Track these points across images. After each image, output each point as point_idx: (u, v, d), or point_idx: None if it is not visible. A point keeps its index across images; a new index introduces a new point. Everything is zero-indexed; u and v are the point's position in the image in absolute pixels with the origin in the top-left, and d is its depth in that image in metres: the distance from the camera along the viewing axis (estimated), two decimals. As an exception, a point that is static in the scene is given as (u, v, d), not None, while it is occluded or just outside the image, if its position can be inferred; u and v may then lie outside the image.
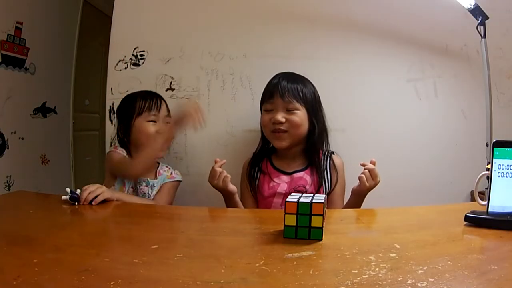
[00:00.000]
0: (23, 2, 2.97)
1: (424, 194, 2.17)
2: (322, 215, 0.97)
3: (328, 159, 1.85)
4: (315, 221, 0.97)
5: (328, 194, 1.78)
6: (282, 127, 1.74)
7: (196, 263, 0.83)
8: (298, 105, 1.75)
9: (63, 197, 1.42)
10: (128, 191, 1.87)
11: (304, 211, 0.97)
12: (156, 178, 1.93)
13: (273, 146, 1.88)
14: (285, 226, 0.99)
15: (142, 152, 1.78)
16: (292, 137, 1.77)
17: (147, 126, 1.88)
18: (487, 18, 1.92)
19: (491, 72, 1.95)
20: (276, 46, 2.21)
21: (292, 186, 1.78)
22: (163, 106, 1.95)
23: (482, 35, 1.92)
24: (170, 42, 2.25)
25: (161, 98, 1.98)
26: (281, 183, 1.80)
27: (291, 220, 0.98)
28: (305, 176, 1.79)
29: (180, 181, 2.02)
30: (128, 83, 2.25)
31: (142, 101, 1.91)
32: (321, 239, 0.97)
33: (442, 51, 2.24)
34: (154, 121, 1.90)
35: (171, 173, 2.00)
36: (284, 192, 1.77)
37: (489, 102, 1.93)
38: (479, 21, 1.91)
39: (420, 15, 2.21)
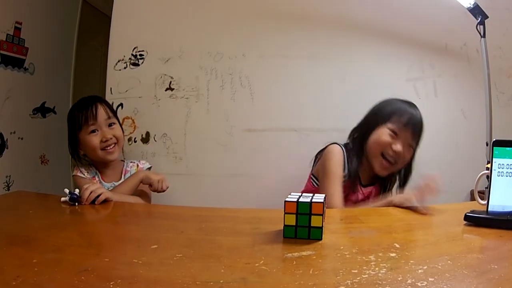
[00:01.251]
0: (22, 2, 2.96)
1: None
2: (321, 214, 0.97)
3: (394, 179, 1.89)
4: (315, 221, 0.97)
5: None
6: (395, 159, 1.72)
7: (195, 263, 0.83)
8: (414, 144, 1.76)
9: (63, 199, 1.42)
10: None
11: (304, 210, 0.97)
12: (122, 179, 1.89)
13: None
14: (284, 225, 0.99)
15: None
16: (394, 171, 1.80)
17: (90, 139, 1.81)
18: (487, 17, 1.92)
19: (490, 71, 1.95)
20: (276, 46, 2.21)
21: (363, 198, 1.80)
22: (100, 111, 1.84)
23: (482, 34, 1.92)
24: (170, 42, 2.25)
25: (97, 102, 1.87)
26: (359, 194, 1.81)
27: (291, 220, 0.98)
28: (374, 190, 1.85)
29: (150, 167, 2.01)
30: (127, 83, 2.25)
31: (79, 114, 1.83)
32: (321, 239, 0.97)
33: (441, 50, 2.24)
34: (96, 130, 1.82)
35: (138, 166, 1.98)
36: (360, 201, 1.79)
37: (489, 101, 1.93)
38: (478, 21, 1.92)
39: (419, 15, 2.21)
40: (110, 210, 1.40)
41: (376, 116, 1.81)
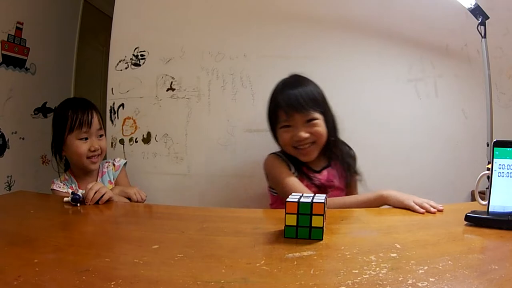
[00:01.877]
0: (23, 2, 2.97)
1: (424, 193, 2.15)
2: (322, 215, 0.97)
3: (344, 149, 1.84)
4: (316, 221, 0.97)
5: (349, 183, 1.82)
6: (307, 142, 1.67)
7: (196, 263, 0.83)
8: (316, 114, 1.67)
9: (65, 199, 1.42)
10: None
11: (305, 211, 0.97)
12: (98, 181, 1.89)
13: None
14: (285, 226, 0.99)
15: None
16: (319, 147, 1.72)
17: (79, 145, 1.81)
18: (488, 18, 1.92)
19: (491, 71, 1.95)
20: (277, 46, 2.21)
21: (323, 183, 1.74)
22: (95, 120, 1.86)
23: (483, 34, 1.92)
24: (171, 42, 2.25)
25: (93, 110, 1.88)
26: (316, 180, 1.74)
27: (292, 220, 0.98)
28: (332, 171, 1.79)
29: (125, 163, 2.05)
30: (128, 83, 2.26)
31: (74, 116, 1.82)
32: (322, 239, 0.97)
33: (442, 51, 2.24)
34: (86, 138, 1.83)
35: (114, 165, 2.00)
36: (318, 187, 1.73)
37: (490, 101, 1.93)
38: (479, 21, 1.92)
39: (420, 15, 2.21)
40: (111, 210, 1.40)
41: (269, 121, 1.81)
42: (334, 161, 1.80)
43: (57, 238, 1.00)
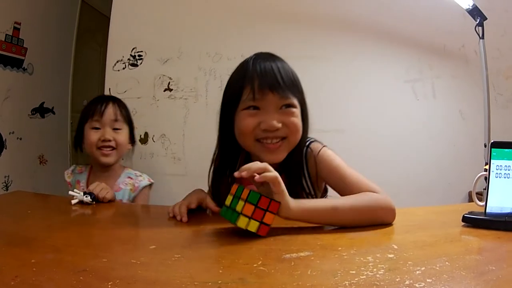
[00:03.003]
0: (21, 2, 2.97)
1: (422, 194, 2.18)
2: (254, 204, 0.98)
3: (304, 158, 1.33)
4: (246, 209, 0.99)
5: (319, 195, 1.37)
6: (277, 134, 1.23)
7: (194, 263, 0.83)
8: (295, 101, 1.25)
9: (74, 201, 1.39)
10: None
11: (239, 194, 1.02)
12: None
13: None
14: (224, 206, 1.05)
15: None
16: (290, 146, 1.27)
17: (90, 134, 1.77)
18: (485, 18, 1.92)
19: (489, 72, 1.96)
20: (274, 46, 2.19)
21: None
22: (108, 110, 1.77)
23: (480, 35, 1.93)
24: (168, 42, 2.26)
25: (110, 101, 1.82)
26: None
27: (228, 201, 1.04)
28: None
29: (150, 184, 1.89)
30: (126, 83, 2.26)
31: (90, 107, 1.79)
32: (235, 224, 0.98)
33: (440, 51, 2.24)
34: (99, 128, 1.77)
35: (134, 185, 1.81)
36: None
37: (487, 102, 1.93)
38: (477, 22, 1.92)
39: (418, 16, 2.22)
40: (109, 210, 1.40)
41: (226, 103, 1.32)
42: (286, 169, 1.29)
43: (54, 238, 1.00)
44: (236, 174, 1.01)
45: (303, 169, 1.32)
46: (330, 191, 1.33)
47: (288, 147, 1.26)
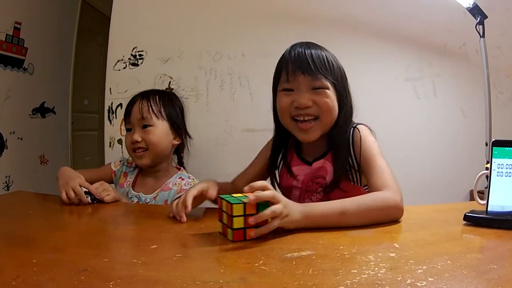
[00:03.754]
0: (21, 2, 2.97)
1: (423, 193, 2.17)
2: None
3: (351, 137, 1.40)
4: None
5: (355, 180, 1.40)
6: (309, 112, 1.33)
7: (195, 263, 0.83)
8: (326, 82, 1.33)
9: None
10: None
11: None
12: (153, 193, 1.68)
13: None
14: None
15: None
16: (323, 126, 1.36)
17: (125, 137, 1.71)
18: (486, 17, 1.92)
19: (490, 71, 1.95)
20: (275, 46, 2.19)
21: (309, 179, 1.42)
22: (134, 109, 1.66)
23: (481, 34, 1.93)
24: (169, 42, 2.26)
25: (137, 99, 1.69)
26: (299, 174, 1.45)
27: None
28: (326, 164, 1.41)
29: None
30: (127, 83, 2.26)
31: (127, 107, 1.72)
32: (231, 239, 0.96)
33: (440, 50, 2.24)
34: (130, 129, 1.68)
35: (182, 186, 1.67)
36: (300, 186, 1.44)
37: (488, 101, 1.93)
38: (477, 20, 1.92)
39: (418, 14, 2.22)
40: (110, 210, 1.40)
41: (272, 87, 1.46)
42: (334, 151, 1.40)
43: (55, 238, 1.00)
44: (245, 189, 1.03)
45: (349, 150, 1.39)
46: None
47: (321, 127, 1.36)
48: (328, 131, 1.39)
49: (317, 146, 1.43)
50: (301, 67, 1.32)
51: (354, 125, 1.43)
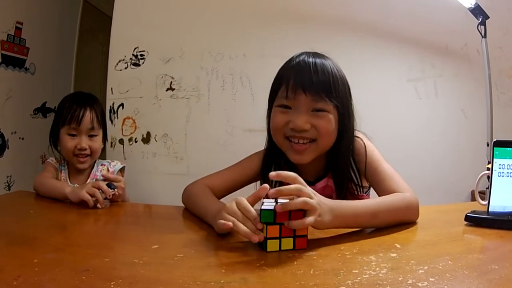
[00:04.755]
0: (23, 2, 2.97)
1: (424, 193, 2.16)
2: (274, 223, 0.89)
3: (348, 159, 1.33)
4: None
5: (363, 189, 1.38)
6: (305, 136, 1.23)
7: (196, 263, 0.83)
8: (329, 105, 1.22)
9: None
10: None
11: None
12: (88, 181, 1.77)
13: None
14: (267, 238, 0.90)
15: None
16: (319, 150, 1.27)
17: (67, 140, 1.76)
18: (488, 17, 1.92)
19: (491, 71, 1.95)
20: (276, 46, 2.21)
21: None
22: (86, 119, 1.76)
23: (483, 34, 1.93)
24: (170, 42, 2.26)
25: (88, 106, 1.79)
26: None
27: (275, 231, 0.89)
28: (329, 182, 1.35)
29: (123, 167, 1.90)
30: (128, 83, 2.26)
31: (68, 110, 1.77)
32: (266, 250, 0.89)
33: (442, 50, 2.24)
34: (75, 134, 1.76)
35: (108, 170, 1.85)
36: None
37: (490, 101, 1.93)
38: (479, 21, 1.92)
39: (420, 15, 2.21)
40: (111, 210, 1.40)
41: (269, 97, 1.34)
42: (334, 169, 1.33)
43: (56, 238, 1.00)
44: (271, 175, 0.94)
45: (351, 166, 1.33)
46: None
47: (316, 150, 1.26)
48: (325, 152, 1.31)
49: (316, 165, 1.35)
50: (304, 85, 1.20)
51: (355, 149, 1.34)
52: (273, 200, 0.92)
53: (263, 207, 0.90)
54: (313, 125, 1.22)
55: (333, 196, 1.31)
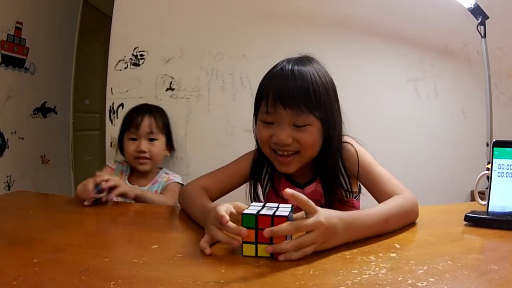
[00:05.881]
0: (23, 2, 2.97)
1: (424, 193, 2.16)
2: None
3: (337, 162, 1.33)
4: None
5: (354, 194, 1.39)
6: (288, 149, 1.23)
7: (196, 263, 0.83)
8: (310, 118, 1.20)
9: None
10: None
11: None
12: (145, 186, 1.92)
13: None
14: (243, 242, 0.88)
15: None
16: (303, 159, 1.27)
17: (127, 144, 1.94)
18: (487, 17, 1.92)
19: (491, 72, 1.95)
20: (276, 46, 2.21)
21: None
22: (144, 124, 1.93)
23: (482, 34, 1.93)
24: (170, 42, 2.26)
25: (146, 114, 1.96)
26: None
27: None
28: (318, 187, 1.36)
29: (182, 184, 1.93)
30: (128, 83, 2.26)
31: (128, 117, 1.98)
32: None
33: (442, 51, 2.24)
34: (135, 138, 1.93)
35: (169, 177, 1.99)
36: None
37: (489, 101, 1.93)
38: (479, 21, 1.92)
39: (420, 15, 2.21)
40: (111, 210, 1.40)
41: (254, 108, 1.34)
42: (322, 174, 1.33)
43: (56, 238, 1.00)
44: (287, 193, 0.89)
45: (341, 172, 1.33)
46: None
47: (301, 161, 1.26)
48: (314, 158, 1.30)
49: (304, 171, 1.34)
50: (283, 100, 1.18)
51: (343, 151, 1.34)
52: (261, 204, 0.93)
53: (245, 211, 0.88)
54: (295, 139, 1.21)
55: (321, 201, 1.32)
